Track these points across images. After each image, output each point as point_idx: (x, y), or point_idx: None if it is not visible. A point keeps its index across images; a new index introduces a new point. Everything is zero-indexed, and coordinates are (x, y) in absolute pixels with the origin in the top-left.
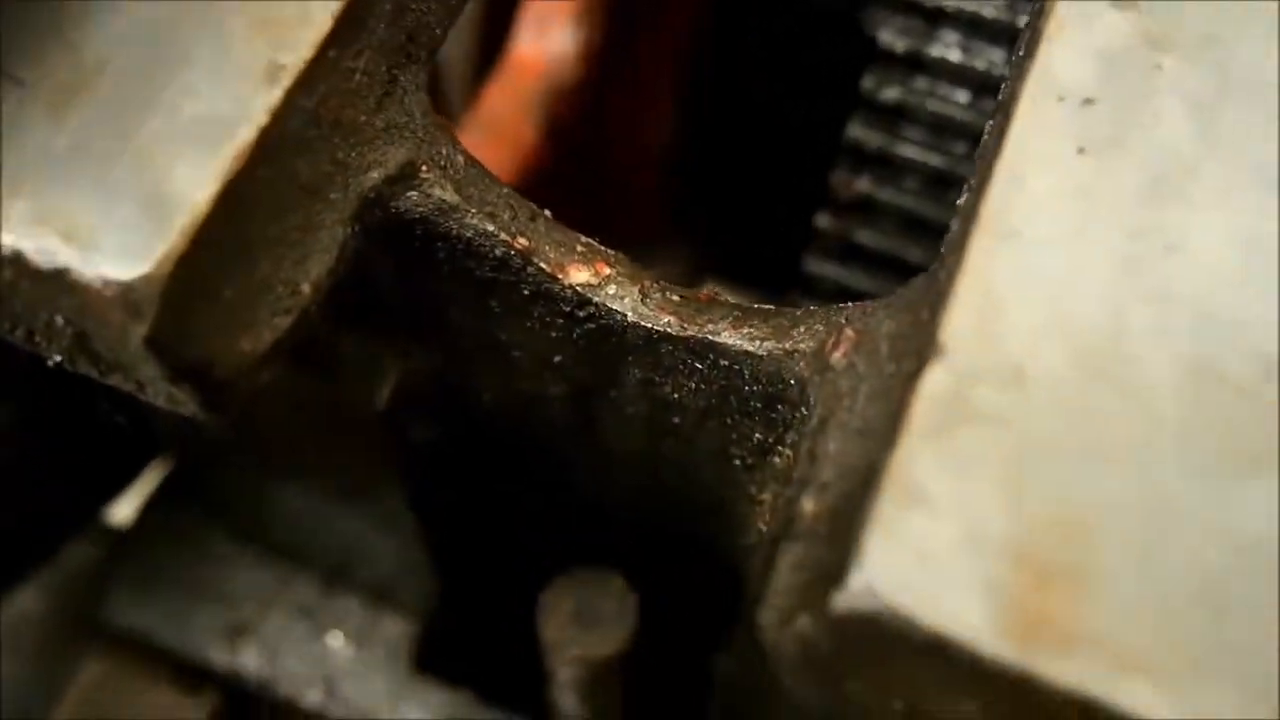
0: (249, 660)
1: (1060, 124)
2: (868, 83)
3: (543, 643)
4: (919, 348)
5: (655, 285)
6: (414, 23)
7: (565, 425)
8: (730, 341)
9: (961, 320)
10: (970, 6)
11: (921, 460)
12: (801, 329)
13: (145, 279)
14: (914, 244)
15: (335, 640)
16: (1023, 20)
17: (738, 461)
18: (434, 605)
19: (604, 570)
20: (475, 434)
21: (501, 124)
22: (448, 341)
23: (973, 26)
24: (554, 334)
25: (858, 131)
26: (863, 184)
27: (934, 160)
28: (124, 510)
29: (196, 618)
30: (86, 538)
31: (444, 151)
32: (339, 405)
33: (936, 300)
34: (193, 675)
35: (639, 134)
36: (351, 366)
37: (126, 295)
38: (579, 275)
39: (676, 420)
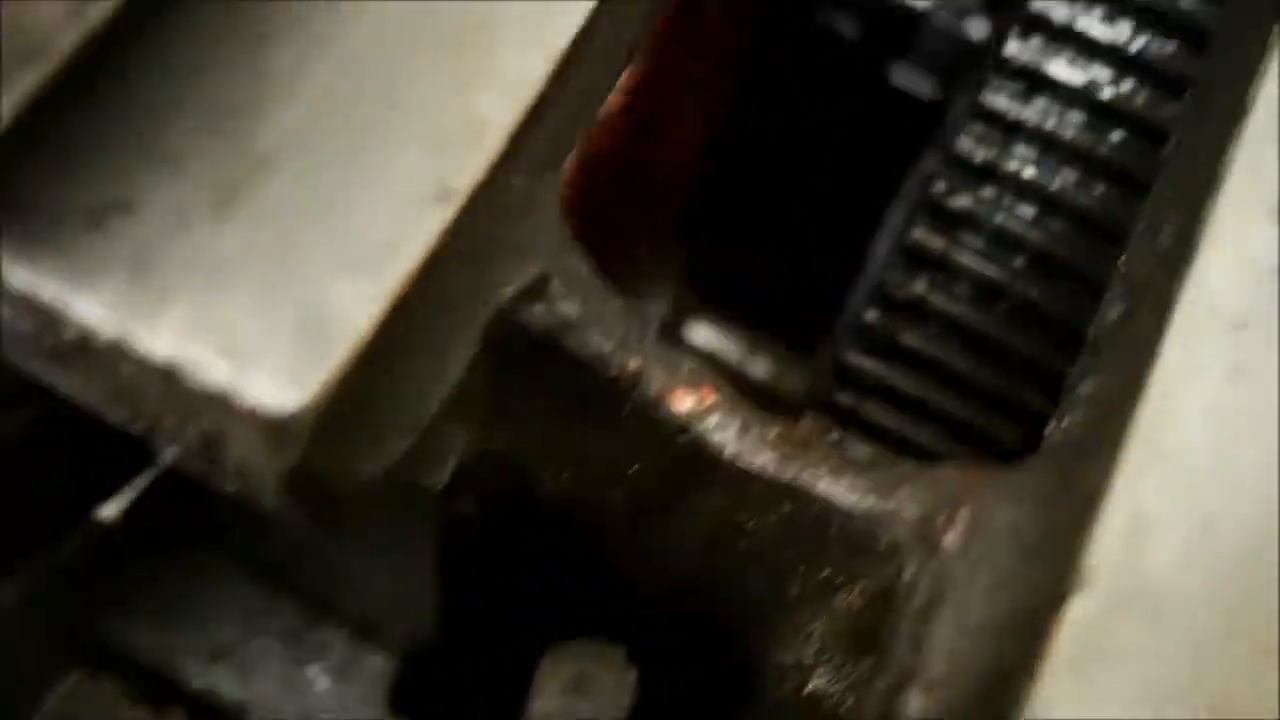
0: (225, 683)
1: (1214, 345)
2: (937, 188)
3: (533, 706)
4: (1054, 557)
5: (757, 418)
6: (560, 133)
7: (618, 526)
8: (828, 492)
9: (1109, 547)
10: (1049, 124)
11: (1061, 695)
12: (905, 491)
13: (300, 412)
14: (959, 352)
15: (315, 672)
16: (1098, 144)
17: (795, 589)
18: (421, 646)
19: (607, 641)
20: (522, 517)
21: None
22: (525, 434)
23: (1048, 144)
24: (641, 452)
25: (920, 234)
26: (918, 286)
27: (990, 271)
28: (113, 510)
29: (177, 634)
30: (78, 538)
31: (572, 264)
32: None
33: (1074, 510)
34: (163, 693)
35: (673, 159)
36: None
37: (278, 427)
38: (684, 403)
39: (742, 546)
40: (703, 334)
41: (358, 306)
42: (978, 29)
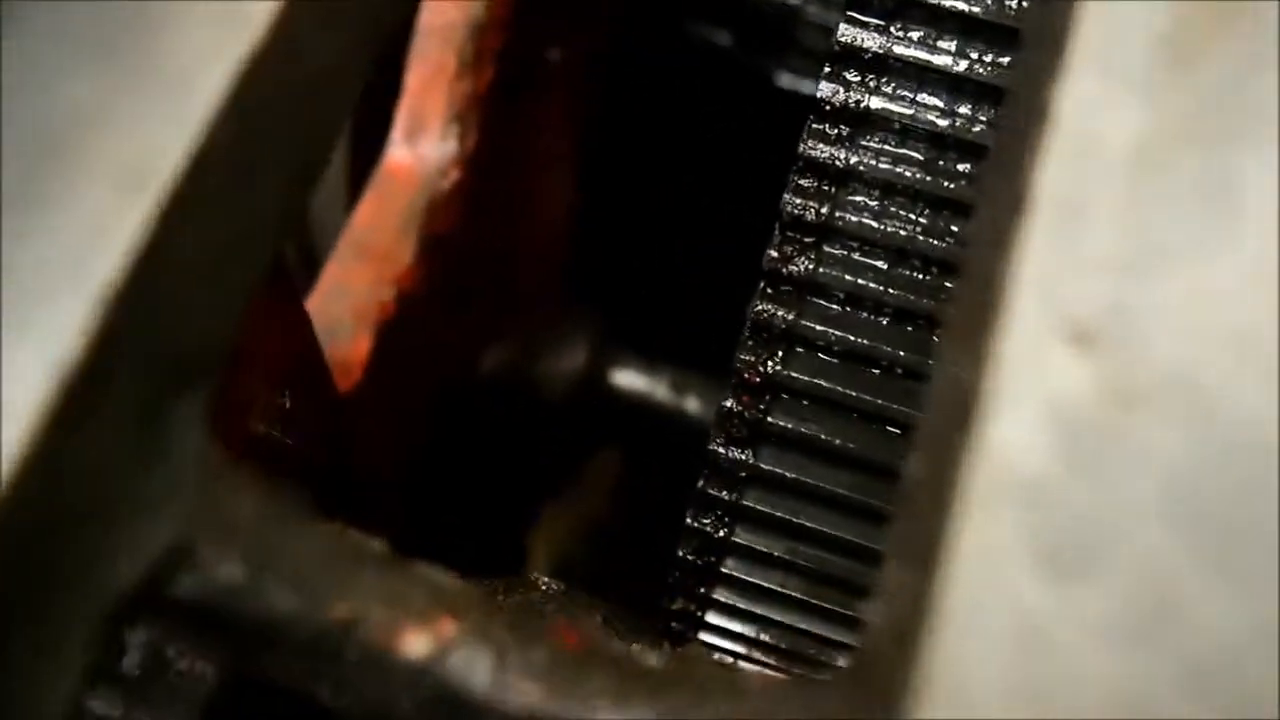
0: None
1: (1014, 529)
2: (771, 255)
3: None
4: None
5: (516, 645)
6: (191, 344)
7: None
8: None
9: None
10: (884, 167)
11: None
12: (696, 713)
13: None
14: (826, 424)
15: None
16: (944, 183)
17: None
18: None
19: None
20: None
21: (377, 244)
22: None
23: (887, 189)
24: (389, 705)
25: (764, 307)
26: (772, 364)
27: (851, 336)
28: None
29: None
30: None
31: (227, 513)
32: None
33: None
34: None
35: (539, 216)
36: None
37: None
38: (416, 644)
39: None
40: (629, 379)
41: None
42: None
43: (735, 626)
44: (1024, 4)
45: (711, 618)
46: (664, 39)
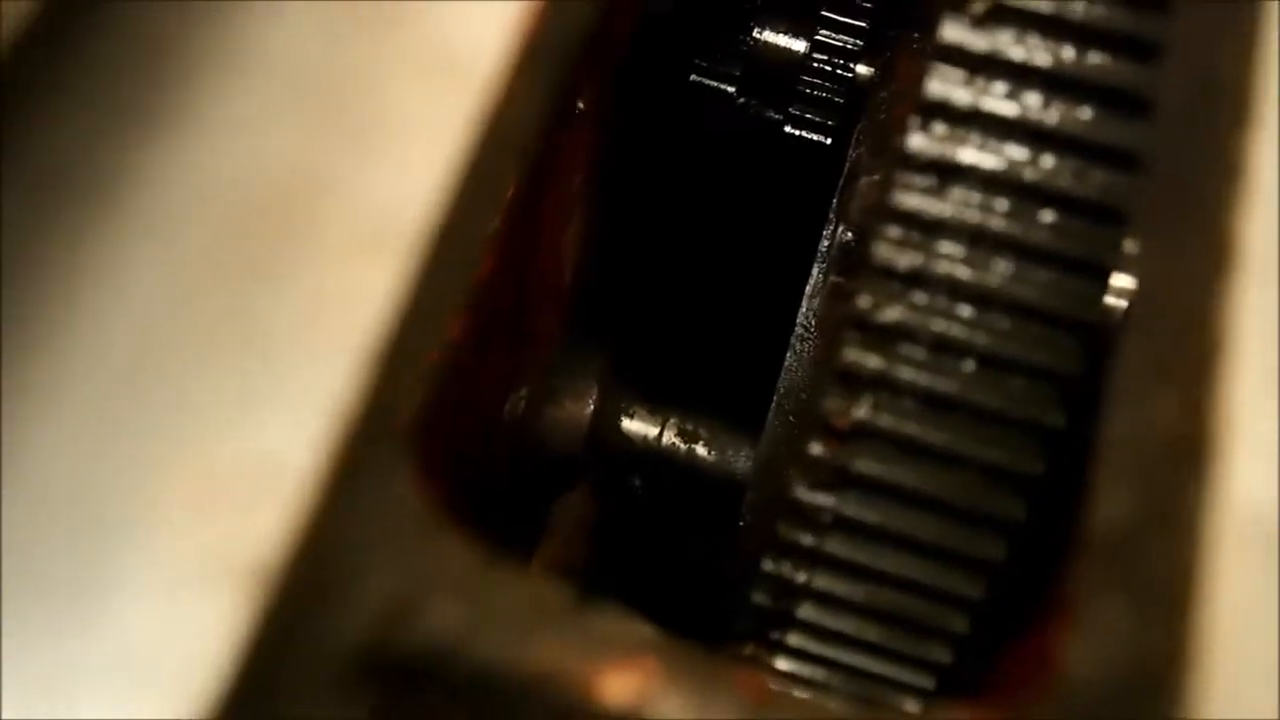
0: None
1: (1267, 576)
2: (863, 302)
3: None
4: None
5: (707, 680)
6: (401, 401)
7: None
8: None
9: None
10: (974, 217)
11: None
12: None
13: None
14: (914, 470)
15: None
16: (1029, 229)
17: None
18: None
19: None
20: None
21: None
22: None
23: (974, 238)
24: None
25: (853, 355)
26: (861, 411)
27: (939, 384)
28: None
29: None
30: None
31: (440, 557)
32: None
33: None
34: None
35: (552, 258)
36: None
37: None
38: (617, 689)
39: None
40: (637, 426)
41: None
42: (862, 69)
43: (806, 672)
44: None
45: (782, 664)
46: (669, 84)
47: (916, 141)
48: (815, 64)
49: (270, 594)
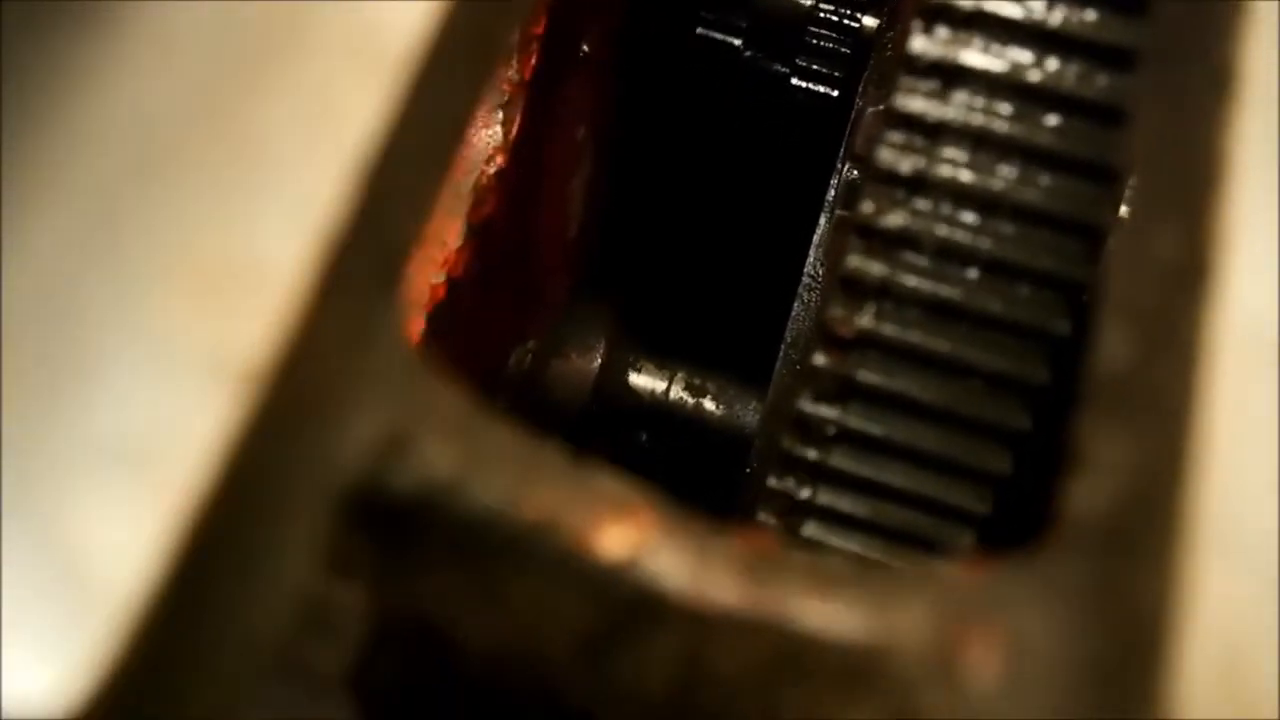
0: None
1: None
2: (866, 208)
3: None
4: (1120, 690)
5: (706, 535)
6: (392, 236)
7: (562, 686)
8: (811, 620)
9: (1201, 684)
10: (977, 120)
11: None
12: (907, 607)
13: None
14: (918, 380)
15: None
16: (1026, 130)
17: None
18: None
19: None
20: (448, 682)
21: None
22: (429, 595)
23: (978, 142)
24: (574, 606)
25: (856, 262)
26: (864, 319)
27: (943, 291)
28: None
29: None
30: None
31: (433, 402)
32: None
33: (1129, 621)
34: None
35: (560, 208)
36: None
37: None
38: (613, 540)
39: (712, 694)
40: (644, 380)
41: (124, 556)
42: (868, 19)
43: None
44: None
45: None
46: (677, 34)
47: (919, 44)
48: (821, 14)
49: (264, 397)
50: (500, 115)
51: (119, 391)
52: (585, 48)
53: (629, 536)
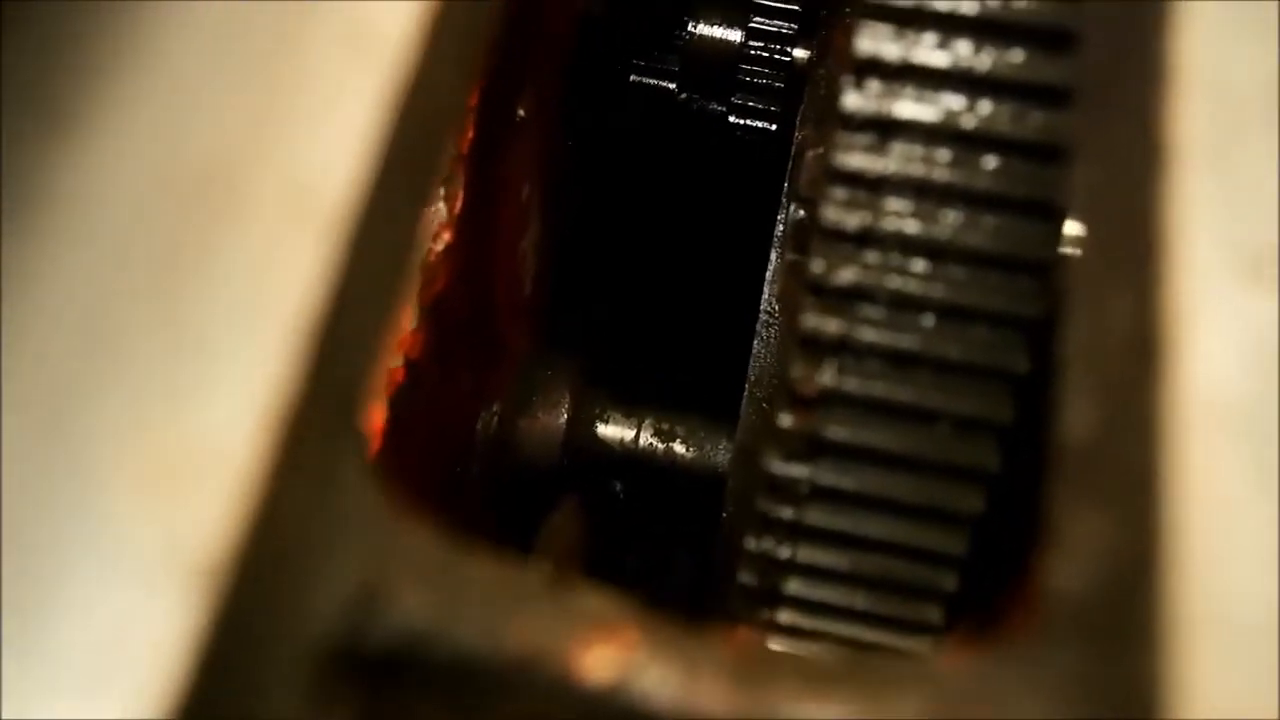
0: None
1: (1241, 456)
2: (817, 266)
3: None
4: None
5: (691, 645)
6: (346, 375)
7: None
8: None
9: None
10: (917, 171)
11: None
12: (896, 704)
13: None
14: (886, 430)
15: None
16: (966, 175)
17: None
18: None
19: None
20: None
21: None
22: None
23: (920, 191)
24: None
25: (813, 321)
26: (826, 377)
27: (901, 341)
28: None
29: None
30: None
31: (402, 545)
32: None
33: (1123, 705)
34: None
35: (514, 270)
36: None
37: None
38: (600, 665)
39: None
40: (613, 430)
41: None
42: (799, 51)
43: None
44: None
45: (775, 643)
46: (612, 85)
47: (852, 101)
48: (753, 52)
49: (227, 586)
50: (442, 191)
51: (79, 601)
52: (521, 112)
53: (614, 657)
